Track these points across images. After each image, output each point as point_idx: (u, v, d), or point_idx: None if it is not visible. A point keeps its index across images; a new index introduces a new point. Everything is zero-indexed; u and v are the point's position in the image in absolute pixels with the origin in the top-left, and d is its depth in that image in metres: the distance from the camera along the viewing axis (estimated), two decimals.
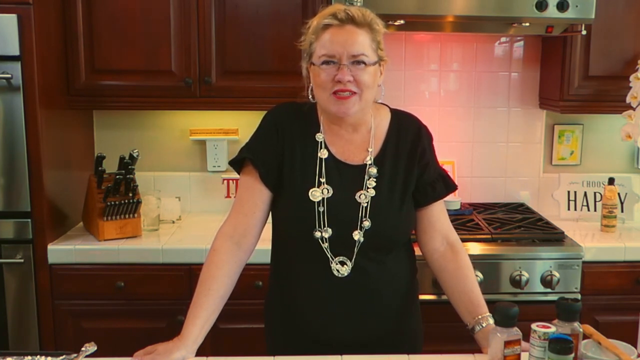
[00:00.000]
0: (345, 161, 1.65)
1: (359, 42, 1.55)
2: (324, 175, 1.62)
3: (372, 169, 1.63)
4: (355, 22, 1.56)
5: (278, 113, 1.70)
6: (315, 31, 1.59)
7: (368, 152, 1.65)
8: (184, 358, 1.50)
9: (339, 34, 1.55)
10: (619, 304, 2.48)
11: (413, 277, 1.76)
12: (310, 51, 1.61)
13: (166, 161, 2.96)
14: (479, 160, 3.03)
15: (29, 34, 2.28)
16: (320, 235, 1.59)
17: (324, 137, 1.66)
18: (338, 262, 1.60)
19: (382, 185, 1.63)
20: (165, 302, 2.43)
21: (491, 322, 1.57)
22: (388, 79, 2.93)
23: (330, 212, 1.59)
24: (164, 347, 1.52)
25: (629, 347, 1.46)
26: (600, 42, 2.63)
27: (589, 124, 3.02)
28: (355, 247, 1.59)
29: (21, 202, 2.36)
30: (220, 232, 1.66)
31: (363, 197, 1.61)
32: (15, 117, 2.32)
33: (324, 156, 1.64)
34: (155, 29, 2.56)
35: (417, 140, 1.69)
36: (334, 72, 1.55)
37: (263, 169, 1.64)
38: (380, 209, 1.61)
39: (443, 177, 1.74)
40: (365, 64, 1.56)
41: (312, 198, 1.59)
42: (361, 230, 1.59)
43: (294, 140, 1.66)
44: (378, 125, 1.68)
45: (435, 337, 1.89)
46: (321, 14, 1.61)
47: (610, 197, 2.67)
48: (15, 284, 2.39)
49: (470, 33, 2.88)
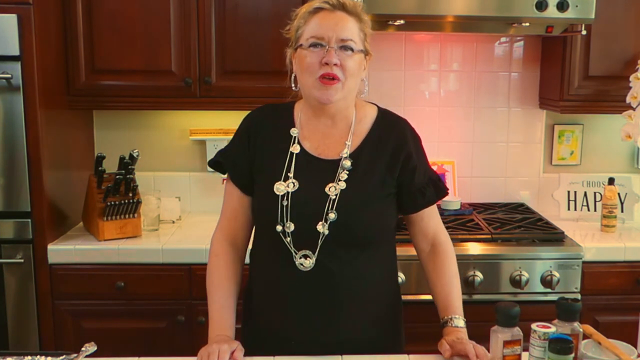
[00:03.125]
0: (319, 156, 1.62)
1: (349, 27, 1.56)
2: (292, 170, 1.60)
3: (346, 162, 1.60)
4: (346, 9, 1.57)
5: (253, 115, 1.72)
6: (304, 16, 1.59)
7: (345, 145, 1.62)
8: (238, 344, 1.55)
9: (330, 17, 1.56)
10: (619, 304, 2.48)
11: (391, 281, 1.72)
12: (297, 35, 1.60)
13: (166, 161, 2.96)
14: (479, 160, 3.03)
15: (29, 34, 2.28)
16: (281, 229, 1.57)
17: (298, 132, 1.65)
18: (302, 256, 1.57)
19: (354, 179, 1.59)
20: (165, 302, 2.43)
21: (450, 325, 1.59)
22: (388, 79, 2.97)
23: (293, 206, 1.57)
24: (219, 345, 1.52)
25: (629, 347, 1.46)
26: (600, 42, 2.63)
27: (589, 124, 3.02)
28: (319, 239, 1.56)
29: (21, 202, 2.36)
30: (215, 238, 1.72)
31: (333, 189, 1.58)
32: (15, 117, 2.32)
33: (296, 151, 1.62)
34: (155, 29, 2.56)
35: (402, 145, 1.65)
36: (322, 55, 1.54)
37: (233, 171, 1.68)
38: (349, 202, 1.57)
39: (433, 182, 1.69)
40: (352, 50, 1.55)
41: (276, 192, 1.58)
42: (326, 222, 1.55)
43: (267, 138, 1.66)
44: (360, 121, 1.66)
45: (437, 337, 1.89)
46: (310, 2, 1.61)
47: (610, 197, 2.67)
48: (15, 284, 2.39)
49: (470, 33, 2.87)
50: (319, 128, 1.65)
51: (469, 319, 1.63)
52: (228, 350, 1.50)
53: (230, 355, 1.50)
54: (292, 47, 1.63)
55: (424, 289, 2.30)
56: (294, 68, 1.63)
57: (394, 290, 1.74)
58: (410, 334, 1.88)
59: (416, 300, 2.35)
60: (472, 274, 2.39)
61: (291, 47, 1.63)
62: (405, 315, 1.81)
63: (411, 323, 2.23)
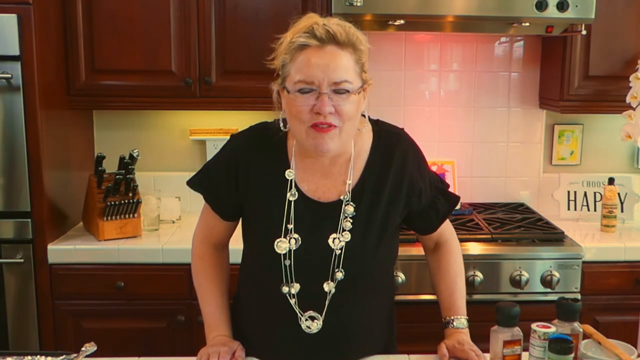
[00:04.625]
0: (319, 200, 1.48)
1: (342, 66, 1.35)
2: (292, 221, 1.45)
3: (348, 207, 1.46)
4: (337, 42, 1.36)
5: (242, 146, 1.54)
6: (289, 50, 1.38)
7: (346, 184, 1.48)
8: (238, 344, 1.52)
9: (319, 56, 1.34)
10: (619, 304, 2.48)
11: (391, 305, 1.67)
12: (284, 74, 1.40)
13: (166, 161, 2.96)
14: (479, 160, 3.03)
15: (29, 34, 2.28)
16: (287, 290, 1.46)
17: (294, 174, 1.48)
18: (308, 318, 1.46)
19: (358, 226, 1.46)
20: (165, 302, 2.43)
21: (451, 326, 1.57)
22: (388, 79, 2.97)
23: (298, 265, 1.44)
24: (219, 347, 1.50)
25: (629, 347, 1.46)
26: (600, 42, 2.63)
27: (589, 124, 3.02)
28: (327, 299, 1.45)
29: (21, 202, 2.36)
30: (197, 240, 1.67)
31: (337, 242, 1.45)
32: (15, 117, 2.32)
33: (294, 198, 1.46)
34: (155, 29, 2.55)
35: (404, 171, 1.51)
36: (312, 101, 1.35)
37: (216, 204, 1.58)
38: (356, 256, 1.45)
39: (443, 192, 1.61)
40: (348, 91, 1.36)
41: (277, 250, 1.44)
42: (333, 281, 1.44)
43: (260, 176, 1.50)
44: (359, 153, 1.50)
45: (437, 337, 1.89)
46: (296, 28, 1.40)
47: (610, 197, 2.67)
48: (15, 284, 2.39)
49: (470, 33, 2.87)
50: (316, 168, 1.49)
51: (469, 319, 1.63)
52: (229, 351, 1.48)
53: (231, 355, 1.49)
54: (278, 83, 1.44)
55: (424, 289, 2.31)
56: (283, 107, 1.44)
57: (392, 320, 1.69)
58: (410, 334, 1.88)
59: (416, 300, 2.36)
60: (472, 274, 2.39)
61: (277, 83, 1.44)
62: (405, 315, 1.82)
63: (411, 323, 2.24)
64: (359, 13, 2.36)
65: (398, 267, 2.34)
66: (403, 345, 1.75)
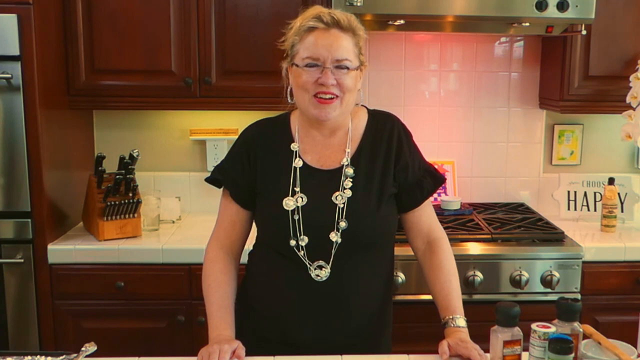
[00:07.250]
0: (321, 167, 1.66)
1: (344, 46, 1.57)
2: (298, 184, 1.63)
3: (348, 169, 1.64)
4: (340, 27, 1.58)
5: (250, 132, 1.74)
6: (298, 32, 1.60)
7: (345, 152, 1.66)
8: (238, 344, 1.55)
9: (324, 37, 1.57)
10: (619, 304, 2.48)
11: (390, 278, 1.77)
12: (293, 52, 1.62)
13: (166, 161, 2.96)
14: (479, 160, 3.03)
15: (29, 34, 2.28)
16: (295, 243, 1.60)
17: (298, 146, 1.67)
18: (316, 267, 1.60)
19: (358, 185, 1.63)
20: (165, 302, 2.43)
21: (451, 325, 1.59)
22: (388, 79, 2.97)
23: (305, 219, 1.60)
24: (219, 345, 1.52)
25: (629, 347, 1.46)
26: (600, 42, 2.63)
27: (589, 124, 3.02)
28: (333, 249, 1.60)
29: (21, 202, 2.36)
30: (211, 246, 1.74)
31: (339, 198, 1.62)
32: (15, 117, 2.32)
33: (299, 165, 1.65)
34: (155, 29, 2.56)
35: (391, 142, 1.69)
36: (317, 74, 1.56)
37: (233, 188, 1.70)
38: (357, 209, 1.61)
39: (430, 172, 1.73)
40: (348, 68, 1.58)
41: (285, 207, 1.61)
42: (338, 231, 1.60)
43: (267, 156, 1.68)
44: (355, 127, 1.70)
45: (438, 337, 1.90)
46: (304, 15, 1.62)
47: (610, 197, 2.67)
48: (15, 284, 2.39)
49: (470, 33, 2.88)
50: (318, 140, 1.68)
51: (469, 319, 1.63)
52: (229, 350, 1.50)
53: (232, 354, 1.50)
54: (287, 61, 1.65)
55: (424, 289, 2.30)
56: (290, 82, 1.65)
57: (389, 287, 1.77)
58: (410, 334, 1.88)
59: (416, 300, 2.36)
60: (472, 274, 2.39)
61: (286, 61, 1.65)
62: (404, 315, 1.82)
63: (411, 323, 2.25)
64: (358, 13, 2.34)
65: (398, 267, 2.34)
66: (402, 345, 1.76)
